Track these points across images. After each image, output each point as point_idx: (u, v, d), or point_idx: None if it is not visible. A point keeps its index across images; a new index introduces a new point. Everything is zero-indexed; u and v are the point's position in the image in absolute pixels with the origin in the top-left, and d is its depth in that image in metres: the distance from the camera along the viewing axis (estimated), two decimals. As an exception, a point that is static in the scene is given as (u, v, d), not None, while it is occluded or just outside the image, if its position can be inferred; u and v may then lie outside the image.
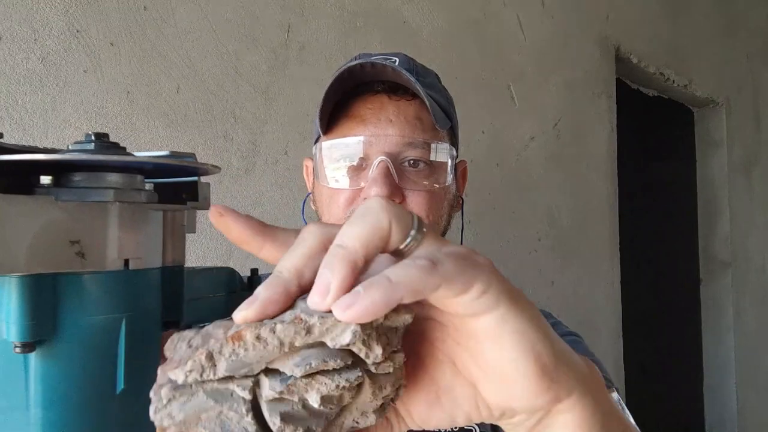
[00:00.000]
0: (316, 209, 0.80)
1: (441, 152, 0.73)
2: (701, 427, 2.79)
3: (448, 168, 0.75)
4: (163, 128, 1.04)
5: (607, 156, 2.05)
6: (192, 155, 0.35)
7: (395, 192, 0.70)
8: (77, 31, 0.96)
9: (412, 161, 0.72)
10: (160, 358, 0.33)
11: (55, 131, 0.93)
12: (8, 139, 1.01)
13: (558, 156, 1.85)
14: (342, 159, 0.73)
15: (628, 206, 2.18)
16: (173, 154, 0.33)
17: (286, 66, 1.21)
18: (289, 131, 1.21)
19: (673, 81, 2.43)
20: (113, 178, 0.30)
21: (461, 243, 0.85)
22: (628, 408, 0.71)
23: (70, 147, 0.30)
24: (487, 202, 1.62)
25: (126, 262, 0.30)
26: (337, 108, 0.74)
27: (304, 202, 0.85)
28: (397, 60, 0.75)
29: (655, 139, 2.65)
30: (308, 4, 1.25)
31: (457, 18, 1.57)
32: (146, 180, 0.33)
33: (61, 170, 0.29)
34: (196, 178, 0.35)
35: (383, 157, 0.70)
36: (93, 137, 0.30)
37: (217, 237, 1.08)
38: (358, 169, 0.72)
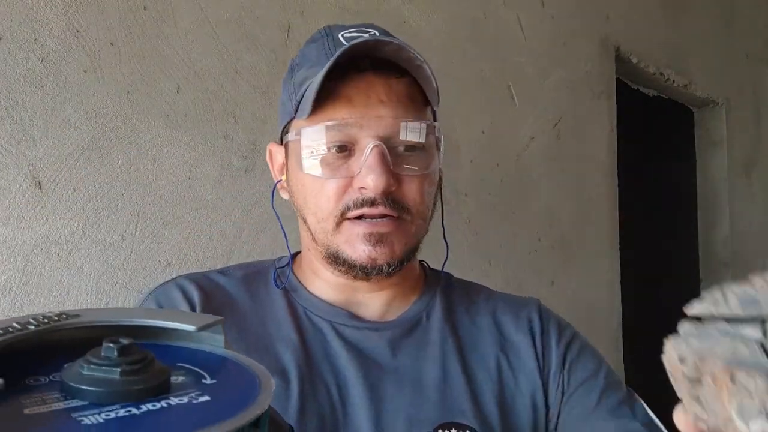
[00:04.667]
0: (292, 200, 0.72)
1: (433, 133, 0.68)
2: (701, 427, 2.79)
3: (440, 149, 0.69)
4: (163, 128, 1.04)
5: (607, 156, 2.05)
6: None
7: (392, 179, 0.64)
8: (77, 31, 0.96)
9: (406, 144, 0.65)
10: None
11: (55, 131, 0.93)
12: (9, 139, 1.00)
13: (558, 156, 1.85)
14: (328, 145, 0.65)
15: (628, 206, 2.18)
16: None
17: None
18: (289, 131, 1.20)
19: (673, 81, 2.43)
20: None
21: (442, 221, 0.76)
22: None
23: None
24: (487, 202, 1.62)
25: None
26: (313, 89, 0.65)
27: (273, 190, 0.76)
28: (377, 33, 0.68)
29: (655, 139, 2.65)
30: (308, 4, 1.25)
31: (457, 18, 1.57)
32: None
33: None
34: None
35: (377, 142, 0.63)
36: None
37: (217, 237, 1.08)
38: (347, 156, 0.65)
